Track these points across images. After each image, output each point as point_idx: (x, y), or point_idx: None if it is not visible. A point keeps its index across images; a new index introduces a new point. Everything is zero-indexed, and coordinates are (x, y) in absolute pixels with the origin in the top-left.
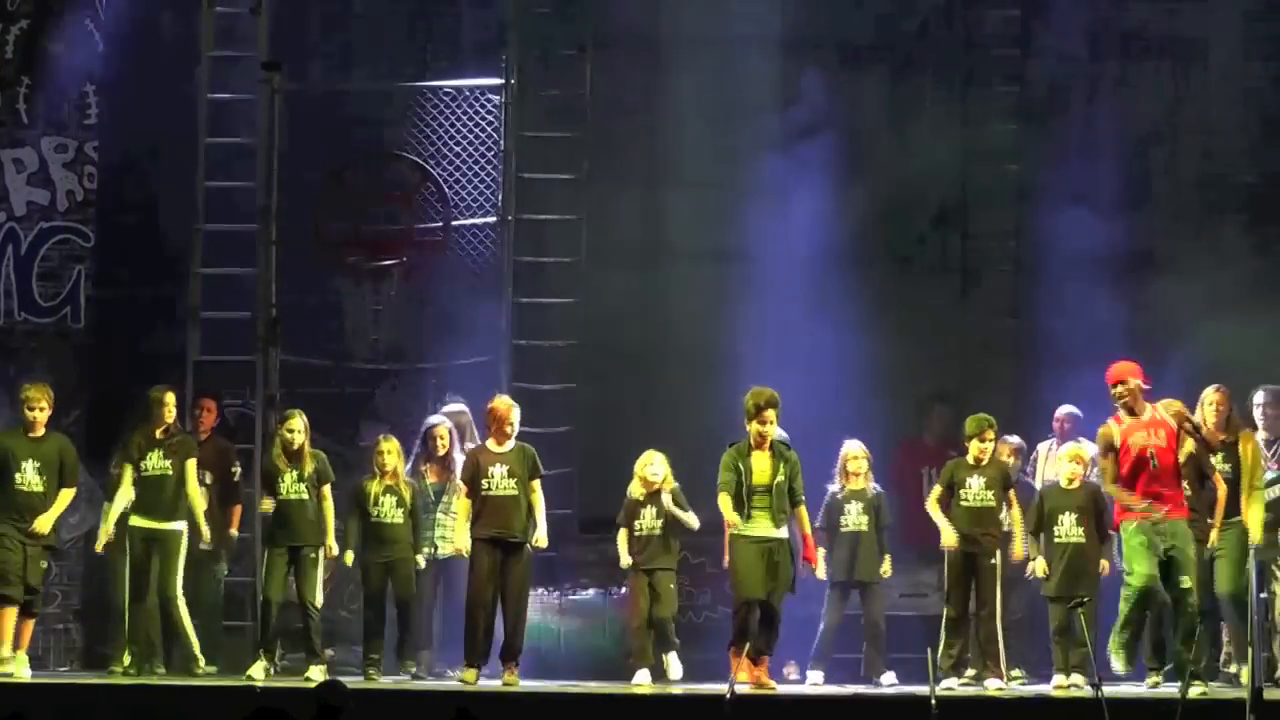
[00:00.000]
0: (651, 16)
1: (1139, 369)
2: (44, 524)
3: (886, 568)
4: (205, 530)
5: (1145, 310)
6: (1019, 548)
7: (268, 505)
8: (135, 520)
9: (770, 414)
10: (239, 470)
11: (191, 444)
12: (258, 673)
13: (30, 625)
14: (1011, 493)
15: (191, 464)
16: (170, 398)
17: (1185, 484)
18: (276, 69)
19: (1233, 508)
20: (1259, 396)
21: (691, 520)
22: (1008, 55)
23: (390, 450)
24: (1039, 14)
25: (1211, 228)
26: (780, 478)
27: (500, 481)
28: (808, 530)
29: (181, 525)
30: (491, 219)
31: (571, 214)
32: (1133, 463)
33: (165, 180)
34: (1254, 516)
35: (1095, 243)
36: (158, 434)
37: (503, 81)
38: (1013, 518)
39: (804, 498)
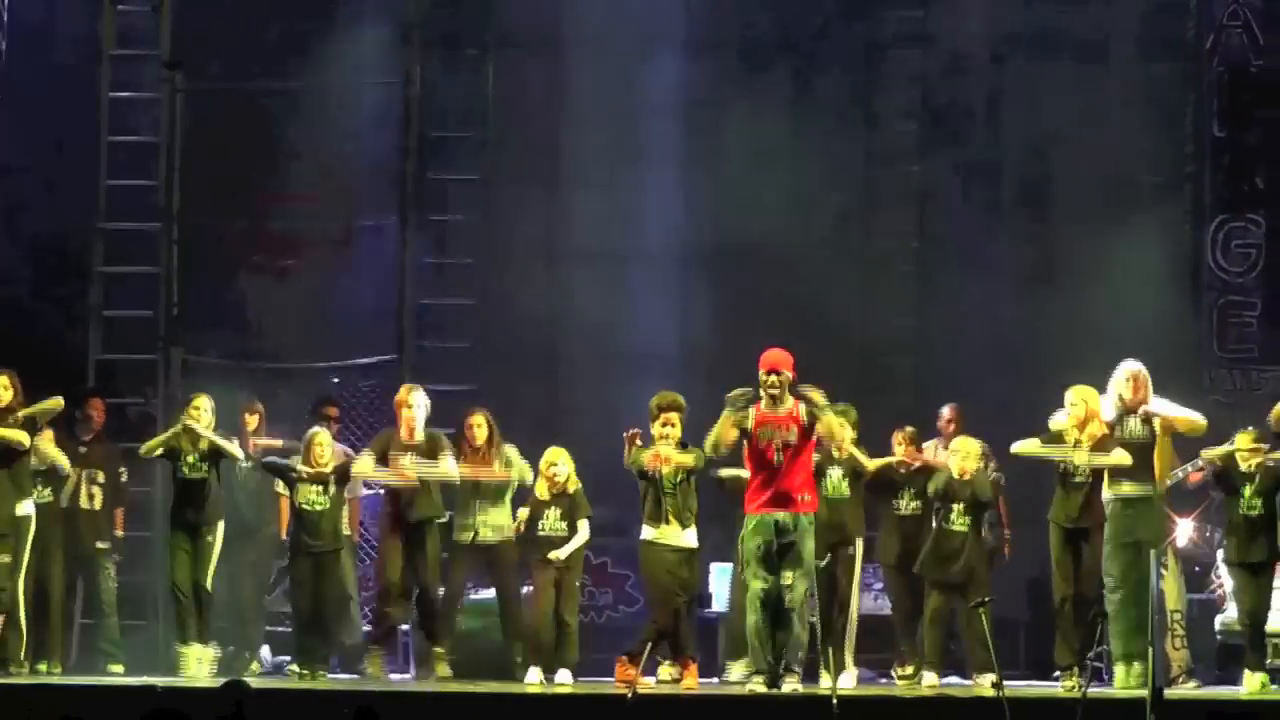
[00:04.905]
0: (554, 17)
1: (792, 359)
2: None
3: None
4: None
5: (1047, 309)
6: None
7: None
8: None
9: (672, 417)
10: (125, 473)
11: (32, 420)
12: (191, 665)
13: None
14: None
15: (42, 438)
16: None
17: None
18: (178, 68)
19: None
20: (1121, 373)
21: (582, 534)
22: (909, 55)
23: (321, 442)
24: (941, 14)
25: (1113, 228)
26: (681, 477)
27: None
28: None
29: (28, 509)
30: (393, 219)
31: (472, 214)
32: (758, 455)
33: (67, 179)
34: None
35: (996, 243)
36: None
37: (404, 81)
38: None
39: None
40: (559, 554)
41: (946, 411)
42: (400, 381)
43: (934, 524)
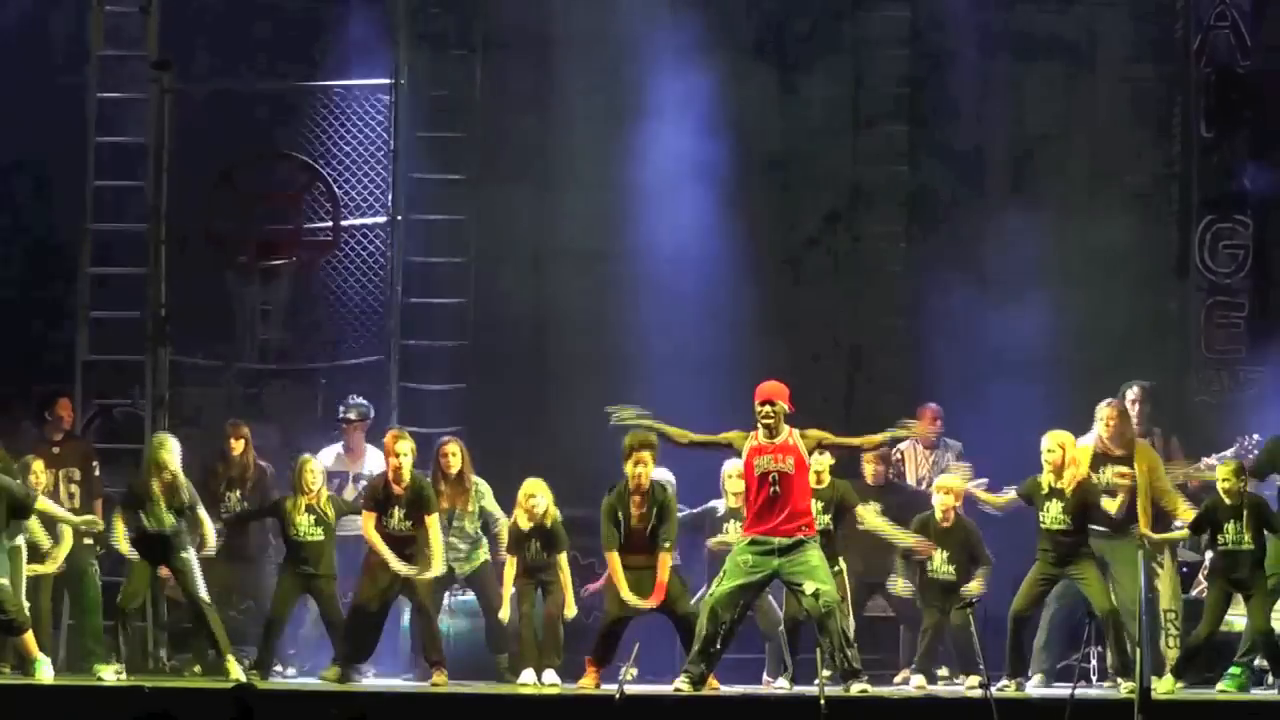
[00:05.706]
0: (542, 16)
1: (787, 391)
2: None
3: None
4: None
5: (1035, 310)
6: None
7: None
8: None
9: (645, 455)
10: (98, 467)
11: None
12: (109, 674)
13: None
14: None
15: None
16: None
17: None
18: (166, 68)
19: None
20: (1131, 393)
21: (567, 572)
22: (897, 56)
23: (310, 469)
24: (928, 15)
25: (1101, 228)
26: (652, 523)
27: (398, 524)
28: (664, 577)
29: (19, 541)
30: (381, 219)
31: (461, 214)
32: (755, 485)
33: (55, 179)
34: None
35: (985, 243)
36: None
37: (392, 81)
38: None
39: (670, 543)
40: (568, 613)
41: (927, 411)
42: (388, 382)
43: (921, 570)
